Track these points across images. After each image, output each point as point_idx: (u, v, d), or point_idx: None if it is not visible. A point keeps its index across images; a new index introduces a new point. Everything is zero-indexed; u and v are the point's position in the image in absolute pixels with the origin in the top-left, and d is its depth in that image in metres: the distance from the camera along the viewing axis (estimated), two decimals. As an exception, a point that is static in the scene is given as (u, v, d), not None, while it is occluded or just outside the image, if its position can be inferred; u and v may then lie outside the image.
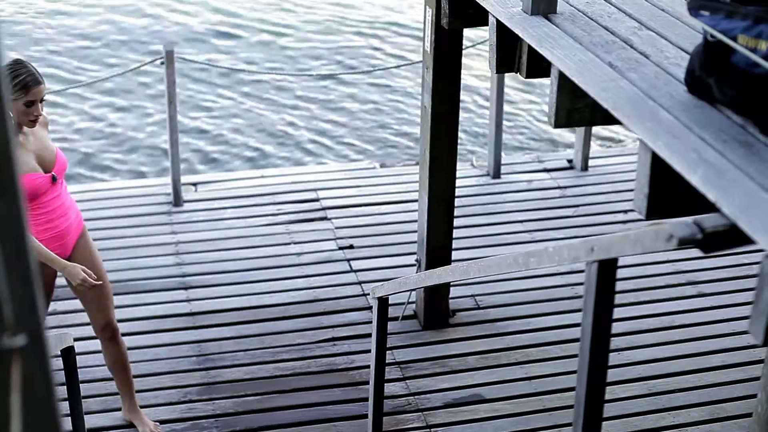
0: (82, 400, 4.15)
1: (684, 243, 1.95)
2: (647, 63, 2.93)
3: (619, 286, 3.06)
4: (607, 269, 2.24)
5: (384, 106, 9.84)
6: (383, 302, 4.16)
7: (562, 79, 3.08)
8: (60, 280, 5.64)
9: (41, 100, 4.07)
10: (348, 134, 9.31)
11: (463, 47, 4.85)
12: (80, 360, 4.46)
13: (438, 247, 5.16)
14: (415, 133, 9.09)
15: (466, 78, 9.24)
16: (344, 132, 9.35)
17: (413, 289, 5.15)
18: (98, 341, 5.12)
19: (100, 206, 6.49)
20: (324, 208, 6.45)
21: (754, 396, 4.28)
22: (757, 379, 4.56)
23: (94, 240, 6.07)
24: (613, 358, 4.79)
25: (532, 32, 3.32)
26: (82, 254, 4.41)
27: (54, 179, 4.18)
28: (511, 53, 3.70)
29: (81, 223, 4.41)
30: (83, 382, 4.47)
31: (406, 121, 9.56)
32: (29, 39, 11.19)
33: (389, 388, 4.75)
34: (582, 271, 2.38)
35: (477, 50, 9.54)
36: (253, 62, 10.58)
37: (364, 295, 5.55)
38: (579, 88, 2.92)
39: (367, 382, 4.64)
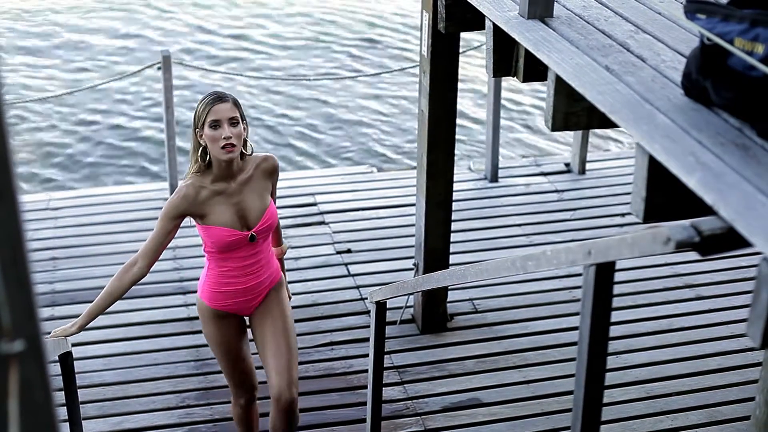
0: (80, 406, 4.15)
1: (681, 246, 1.95)
2: (644, 66, 2.93)
3: (617, 289, 3.06)
4: (604, 272, 2.24)
5: (381, 111, 9.84)
6: (381, 306, 4.16)
7: (559, 82, 3.08)
8: (57, 285, 5.65)
9: (232, 123, 3.62)
10: (345, 138, 9.31)
11: (460, 51, 4.85)
12: (78, 365, 4.45)
13: (436, 251, 5.15)
14: (413, 138, 9.09)
15: (463, 82, 9.25)
16: (342, 136, 9.35)
17: (411, 293, 5.15)
18: (97, 346, 5.13)
19: (97, 211, 6.49)
20: (322, 213, 6.45)
21: (752, 399, 4.28)
22: (754, 382, 4.56)
23: (91, 245, 6.10)
24: (611, 362, 4.79)
25: (529, 36, 3.32)
26: (268, 307, 3.95)
27: (252, 239, 3.75)
28: (508, 57, 3.71)
29: (275, 280, 3.97)
30: (81, 387, 4.46)
31: (403, 125, 9.56)
32: (27, 43, 11.19)
33: (387, 393, 4.75)
34: (580, 275, 2.38)
35: (474, 54, 9.55)
36: (249, 67, 10.58)
37: (362, 299, 5.55)
38: (576, 91, 2.92)
39: (365, 387, 4.64)
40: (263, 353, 3.92)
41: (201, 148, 3.70)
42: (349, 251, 6.04)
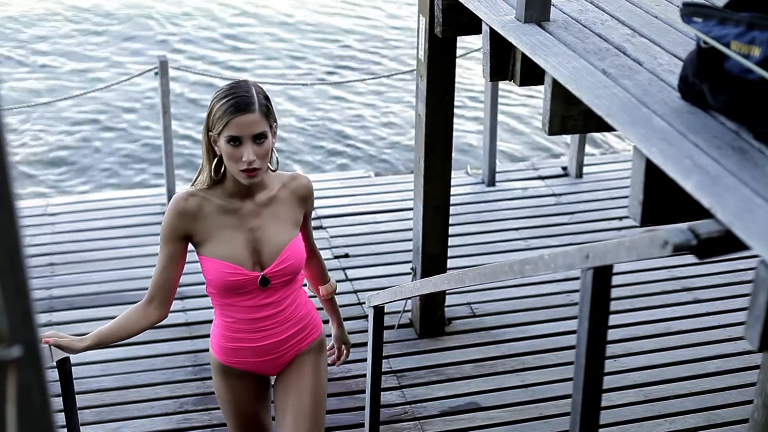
0: (78, 412, 4.14)
1: (679, 249, 1.95)
2: (641, 70, 2.94)
3: (615, 292, 3.06)
4: (602, 276, 2.24)
5: (378, 115, 9.84)
6: (379, 311, 4.16)
7: (556, 86, 3.08)
8: (55, 291, 5.64)
9: (257, 141, 2.76)
10: (342, 143, 9.31)
11: (457, 55, 4.86)
12: (76, 371, 4.45)
13: (433, 255, 5.15)
14: (410, 142, 9.09)
15: (460, 86, 9.25)
16: (339, 141, 9.35)
17: (409, 298, 5.15)
18: (94, 352, 5.12)
19: (94, 216, 6.49)
20: (319, 217, 6.45)
21: (750, 402, 4.28)
22: (753, 384, 4.56)
23: (89, 251, 6.09)
24: (609, 365, 4.79)
25: (526, 40, 3.32)
26: (296, 377, 3.13)
27: (264, 283, 2.92)
28: (504, 61, 3.71)
29: (311, 337, 3.15)
30: (79, 393, 4.45)
31: (400, 129, 9.56)
32: (23, 48, 11.18)
33: (385, 397, 4.74)
34: (577, 278, 2.38)
35: (471, 58, 9.55)
36: (246, 71, 10.58)
37: (360, 303, 5.55)
38: (573, 95, 2.92)
39: (363, 391, 4.64)
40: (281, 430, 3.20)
41: (216, 158, 2.86)
42: (346, 256, 6.04)
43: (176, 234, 2.91)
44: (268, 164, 2.91)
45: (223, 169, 2.86)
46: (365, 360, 4.54)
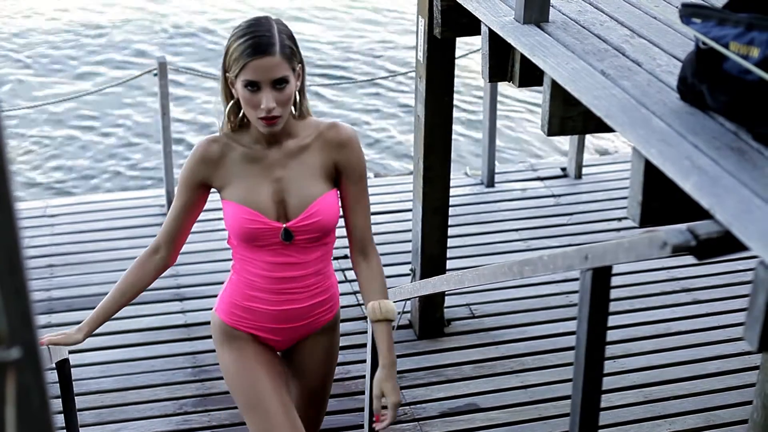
0: (78, 413, 4.14)
1: (678, 250, 1.95)
2: (640, 71, 2.94)
3: (614, 293, 3.06)
4: (601, 277, 2.24)
5: (377, 116, 9.85)
6: (378, 312, 4.15)
7: (555, 87, 3.08)
8: (54, 293, 5.64)
9: (277, 86, 2.53)
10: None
11: (456, 56, 4.86)
12: (75, 372, 4.44)
13: (432, 257, 5.15)
14: (409, 143, 9.09)
15: (459, 87, 9.25)
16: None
17: (408, 299, 5.15)
18: (94, 353, 5.13)
19: (94, 218, 6.49)
20: (318, 219, 6.45)
21: (749, 402, 4.28)
22: (752, 385, 4.56)
23: (88, 252, 6.09)
24: (609, 366, 4.78)
25: (525, 41, 3.32)
26: (309, 362, 2.98)
27: (287, 236, 2.69)
28: (503, 62, 3.71)
29: (329, 313, 2.94)
30: (78, 394, 4.45)
31: (399, 130, 9.56)
32: (21, 50, 11.18)
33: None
34: (577, 279, 2.38)
35: (471, 59, 9.56)
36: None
37: (360, 304, 5.54)
38: (572, 96, 2.92)
39: (363, 392, 4.64)
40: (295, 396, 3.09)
41: (232, 102, 2.64)
42: (346, 257, 6.04)
43: (195, 180, 2.73)
44: (302, 110, 2.73)
45: (242, 112, 2.63)
46: (364, 361, 4.54)
